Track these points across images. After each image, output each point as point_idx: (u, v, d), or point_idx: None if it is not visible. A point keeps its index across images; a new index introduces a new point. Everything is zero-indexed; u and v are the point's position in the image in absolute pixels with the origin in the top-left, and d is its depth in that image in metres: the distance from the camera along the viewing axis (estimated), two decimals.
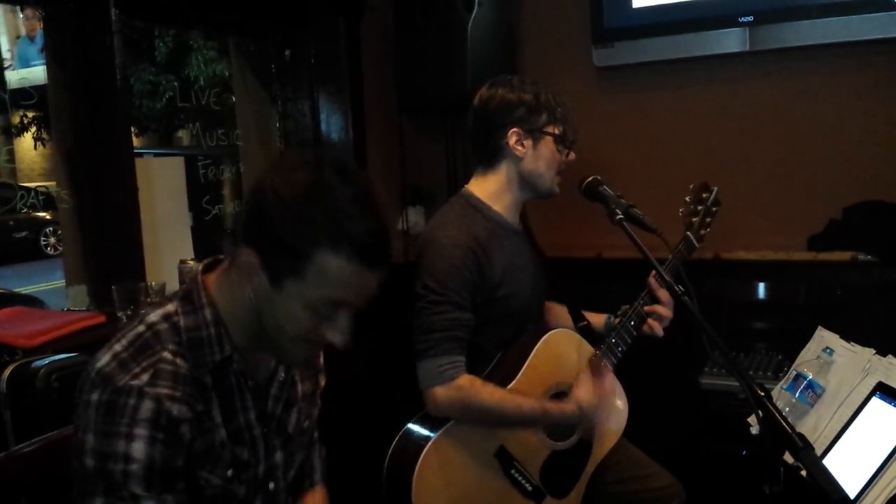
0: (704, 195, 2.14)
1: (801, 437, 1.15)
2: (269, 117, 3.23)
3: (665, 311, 1.99)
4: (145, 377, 1.15)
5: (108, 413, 1.13)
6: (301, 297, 1.16)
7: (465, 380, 1.80)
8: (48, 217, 11.59)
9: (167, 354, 1.18)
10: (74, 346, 1.99)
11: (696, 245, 2.07)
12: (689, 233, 2.07)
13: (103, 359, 1.18)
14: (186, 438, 1.17)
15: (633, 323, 2.01)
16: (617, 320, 2.10)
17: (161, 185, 2.65)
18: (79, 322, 2.10)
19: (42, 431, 1.54)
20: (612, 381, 2.04)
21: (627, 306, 2.07)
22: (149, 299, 2.29)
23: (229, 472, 1.24)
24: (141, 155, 2.50)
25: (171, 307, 1.24)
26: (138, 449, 1.13)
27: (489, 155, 1.99)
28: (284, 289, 1.16)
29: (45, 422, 1.72)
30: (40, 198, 2.42)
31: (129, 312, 2.23)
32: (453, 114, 3.09)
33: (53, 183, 2.41)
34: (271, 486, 1.33)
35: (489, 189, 1.99)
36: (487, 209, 1.97)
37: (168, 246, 2.65)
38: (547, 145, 1.94)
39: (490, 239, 1.92)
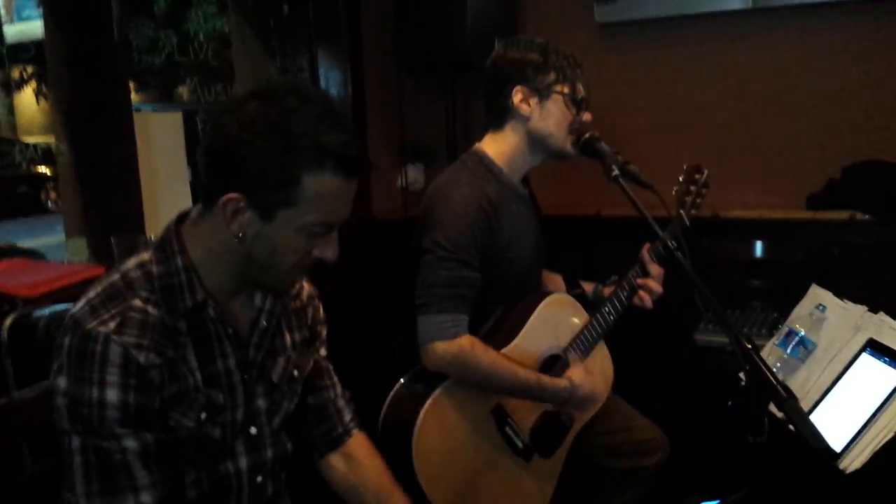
0: (696, 176, 2.17)
1: (786, 388, 1.17)
2: (268, 73, 3.21)
3: (655, 285, 2.01)
4: (112, 325, 1.17)
5: (79, 359, 1.16)
6: (295, 224, 1.19)
7: (467, 340, 1.81)
8: (48, 172, 11.61)
9: (137, 302, 1.20)
10: (73, 297, 1.99)
11: (688, 224, 2.09)
12: (682, 211, 2.09)
13: (78, 304, 1.22)
14: (157, 383, 1.20)
15: (624, 294, 2.03)
16: (606, 289, 2.13)
17: (159, 140, 2.65)
18: (78, 274, 2.11)
19: (42, 380, 1.55)
20: (601, 350, 2.09)
21: (616, 276, 2.11)
22: None
23: (203, 416, 1.26)
24: (139, 110, 2.50)
25: (145, 255, 1.27)
26: (112, 394, 1.16)
27: (498, 114, 1.97)
28: (276, 219, 1.18)
29: (45, 371, 1.76)
30: (40, 152, 2.42)
31: None
32: (453, 71, 3.09)
33: (53, 138, 2.40)
34: (253, 430, 1.36)
35: (500, 150, 1.97)
36: (499, 171, 1.96)
37: (167, 200, 2.66)
38: (555, 104, 1.91)
39: (500, 201, 1.92)
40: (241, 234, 1.20)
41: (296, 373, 1.44)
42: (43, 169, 11.13)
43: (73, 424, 1.18)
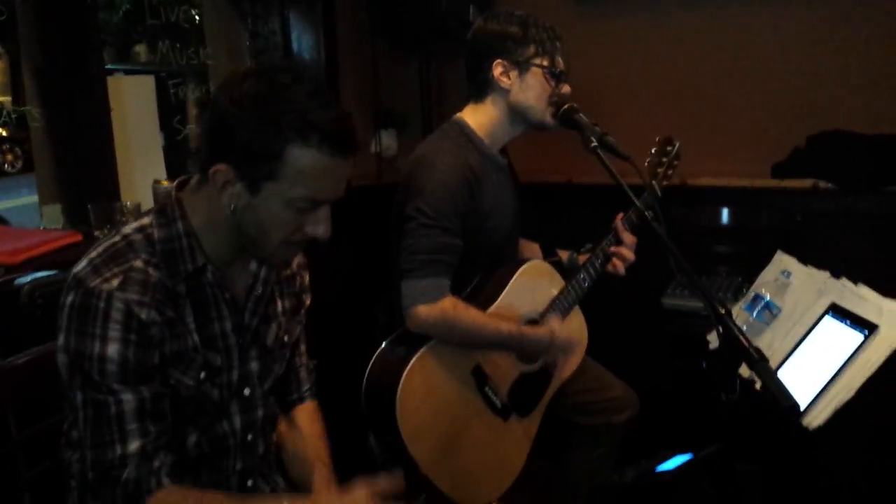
0: (668, 148, 2.24)
1: (757, 350, 1.24)
2: (239, 35, 3.17)
3: (628, 252, 2.08)
4: (115, 282, 1.21)
5: (82, 315, 1.20)
6: (280, 198, 1.21)
7: (449, 302, 1.87)
8: (3, 133, 11.27)
9: (139, 263, 1.24)
10: (53, 263, 2.01)
11: (659, 195, 2.16)
12: (654, 181, 2.15)
13: (80, 265, 1.25)
14: (157, 340, 1.24)
15: (598, 262, 2.10)
16: (580, 257, 2.20)
17: (132, 104, 2.62)
18: (57, 240, 2.11)
19: (25, 347, 1.58)
20: (576, 314, 2.16)
21: (590, 245, 2.17)
22: (123, 219, 2.31)
23: (202, 375, 1.31)
24: (111, 73, 2.47)
25: (146, 220, 1.30)
26: (112, 349, 1.20)
27: (478, 87, 2.01)
28: (262, 193, 1.21)
29: (29, 338, 1.76)
30: None
31: (105, 231, 2.25)
32: (427, 37, 3.08)
33: (8, 98, 2.36)
34: (246, 391, 1.40)
35: (481, 121, 2.02)
36: (480, 142, 2.00)
37: (140, 166, 2.64)
38: (534, 77, 1.95)
39: (482, 171, 1.96)
40: (232, 206, 1.23)
41: (286, 338, 1.48)
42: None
43: (73, 379, 1.23)
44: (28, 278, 1.87)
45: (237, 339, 1.36)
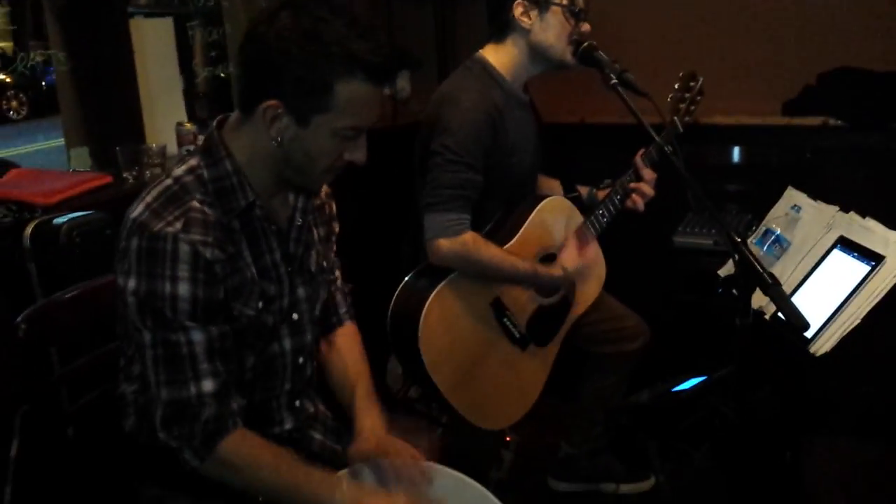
0: (692, 84, 2.26)
1: (771, 275, 1.31)
2: None
3: (648, 188, 2.14)
4: (178, 224, 1.26)
5: (150, 258, 1.25)
6: (328, 128, 1.28)
7: (469, 236, 1.94)
8: (8, 80, 11.18)
9: (196, 203, 1.29)
10: (87, 204, 2.07)
11: (681, 130, 2.20)
12: (675, 118, 2.19)
13: (137, 209, 1.29)
14: (221, 276, 1.30)
15: (618, 197, 2.16)
16: (600, 192, 2.26)
17: (152, 47, 2.64)
18: (89, 182, 2.17)
19: (66, 285, 1.65)
20: (594, 249, 2.22)
21: (609, 180, 2.23)
22: (150, 160, 2.37)
23: (260, 304, 1.39)
24: (132, 15, 2.50)
25: (193, 161, 1.35)
26: (183, 288, 1.26)
27: (499, 27, 2.05)
28: (311, 124, 1.27)
29: (69, 276, 1.83)
30: None
31: (133, 173, 2.31)
32: None
33: (10, 44, 2.38)
34: (295, 316, 1.48)
35: (502, 60, 2.06)
36: (503, 79, 2.05)
37: (162, 109, 2.68)
38: (554, 16, 1.99)
39: (505, 108, 2.02)
40: (279, 139, 1.29)
41: (325, 263, 1.57)
42: (1, 76, 10.71)
43: (143, 320, 1.29)
44: (65, 218, 1.91)
45: (286, 267, 1.43)
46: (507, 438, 2.40)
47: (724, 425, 1.47)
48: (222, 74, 3.18)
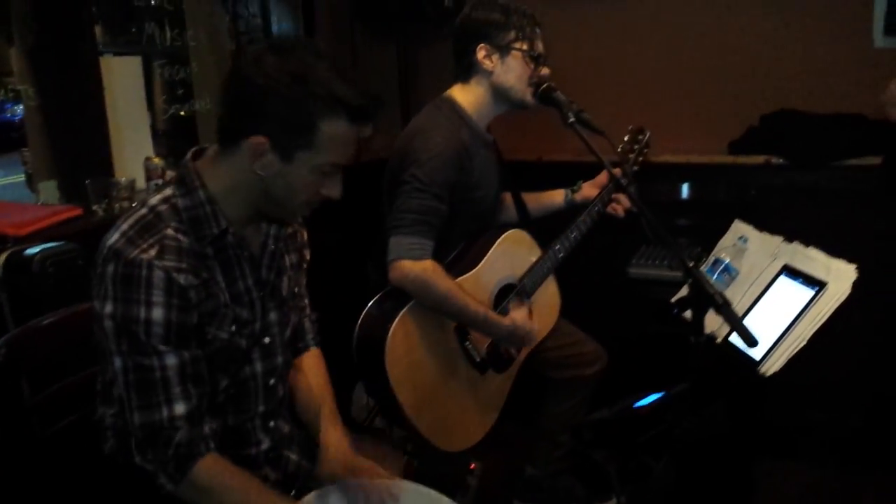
0: (640, 136, 2.46)
1: (722, 296, 1.42)
2: (220, 17, 3.24)
3: (626, 199, 2.29)
4: (153, 251, 1.32)
5: (125, 283, 1.31)
6: (309, 164, 1.35)
7: (430, 264, 2.02)
8: None
9: (170, 231, 1.35)
10: (57, 236, 2.09)
11: (630, 180, 2.36)
12: (625, 166, 2.36)
13: (114, 236, 1.34)
14: (195, 301, 1.36)
15: (597, 208, 2.31)
16: (576, 194, 2.41)
17: (120, 84, 2.69)
18: (59, 214, 2.20)
19: (38, 314, 1.67)
20: (551, 284, 2.35)
21: (582, 180, 2.40)
22: (118, 194, 2.41)
23: (233, 328, 1.44)
24: (103, 54, 2.54)
25: (168, 191, 1.41)
26: (157, 313, 1.31)
27: (465, 69, 2.18)
28: (295, 160, 1.34)
29: (41, 305, 1.85)
30: None
31: (103, 206, 2.35)
32: (406, 20, 3.20)
33: None
34: (266, 340, 1.53)
35: (468, 100, 2.18)
36: (469, 119, 2.18)
37: (130, 144, 2.72)
38: (515, 59, 2.12)
39: (472, 146, 2.14)
40: (261, 174, 1.36)
41: (296, 289, 1.63)
42: None
43: (118, 345, 1.33)
44: (38, 248, 1.94)
45: (258, 292, 1.49)
46: (472, 466, 2.45)
47: (682, 439, 1.55)
48: (182, 113, 3.23)
